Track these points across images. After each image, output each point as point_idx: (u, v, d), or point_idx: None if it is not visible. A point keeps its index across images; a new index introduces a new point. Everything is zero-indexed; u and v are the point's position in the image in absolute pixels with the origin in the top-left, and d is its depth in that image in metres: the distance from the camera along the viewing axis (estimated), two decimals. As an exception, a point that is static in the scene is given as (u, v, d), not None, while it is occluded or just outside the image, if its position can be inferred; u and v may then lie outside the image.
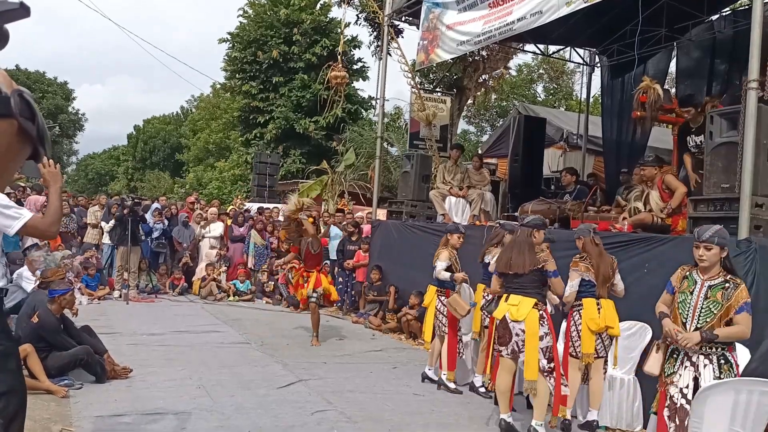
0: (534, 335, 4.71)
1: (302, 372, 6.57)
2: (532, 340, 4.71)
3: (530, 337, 4.72)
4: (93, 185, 56.34)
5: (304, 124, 23.68)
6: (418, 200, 10.07)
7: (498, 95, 28.04)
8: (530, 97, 30.30)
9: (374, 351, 7.99)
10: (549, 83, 31.38)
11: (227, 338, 8.20)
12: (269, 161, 17.67)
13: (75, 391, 5.42)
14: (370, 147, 17.25)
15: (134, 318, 9.15)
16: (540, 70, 30.75)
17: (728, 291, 3.75)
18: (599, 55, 11.92)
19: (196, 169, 38.13)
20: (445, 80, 18.88)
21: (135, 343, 7.46)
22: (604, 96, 11.96)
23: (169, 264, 12.26)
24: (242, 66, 25.56)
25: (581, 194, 8.09)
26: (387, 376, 6.69)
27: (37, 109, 0.97)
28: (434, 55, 9.77)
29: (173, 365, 6.55)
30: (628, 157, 10.39)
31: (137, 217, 10.84)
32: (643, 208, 6.37)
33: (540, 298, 4.83)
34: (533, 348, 4.71)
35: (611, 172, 10.96)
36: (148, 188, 41.17)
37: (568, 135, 13.65)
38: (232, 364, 6.80)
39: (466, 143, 29.19)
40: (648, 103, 7.48)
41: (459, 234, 6.51)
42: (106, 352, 5.95)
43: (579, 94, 19.06)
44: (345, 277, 10.80)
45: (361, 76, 25.63)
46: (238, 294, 11.71)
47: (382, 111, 11.90)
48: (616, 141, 11.13)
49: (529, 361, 4.72)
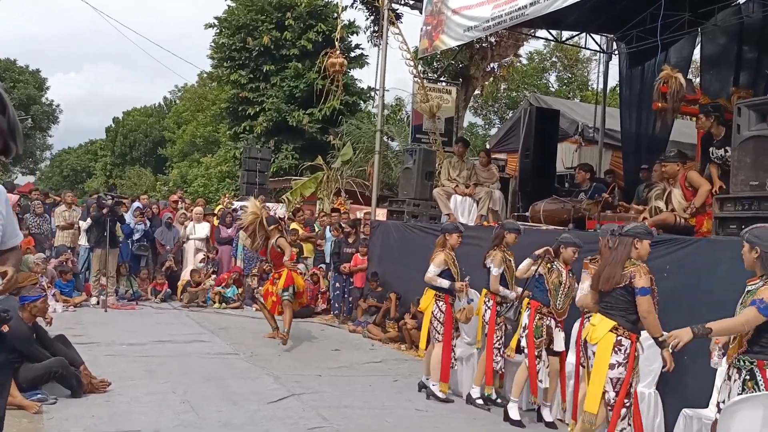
0: (604, 362, 4.39)
1: (295, 385, 6.57)
2: (600, 368, 4.41)
3: (598, 362, 4.43)
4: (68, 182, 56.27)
5: (297, 117, 23.67)
6: (420, 199, 10.06)
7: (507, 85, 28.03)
8: (542, 87, 30.30)
9: (373, 362, 7.99)
10: (563, 72, 31.39)
11: (214, 348, 8.19)
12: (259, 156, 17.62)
13: (49, 407, 5.41)
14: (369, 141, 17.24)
15: (113, 327, 9.13)
16: (553, 58, 30.74)
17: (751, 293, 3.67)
18: (617, 42, 11.92)
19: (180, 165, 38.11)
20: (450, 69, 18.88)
21: (114, 354, 7.45)
22: (622, 86, 11.96)
23: (150, 268, 12.24)
24: (230, 53, 25.53)
25: (597, 192, 8.09)
26: (387, 390, 6.69)
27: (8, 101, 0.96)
28: (439, 41, 9.78)
29: (155, 378, 6.54)
30: (648, 152, 10.39)
31: (116, 217, 10.83)
32: (665, 207, 6.37)
33: (623, 321, 4.40)
34: (599, 377, 4.40)
35: (630, 168, 10.95)
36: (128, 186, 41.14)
37: (583, 128, 13.63)
38: (219, 376, 6.79)
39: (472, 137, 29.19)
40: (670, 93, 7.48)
41: (459, 233, 6.53)
42: (83, 364, 5.95)
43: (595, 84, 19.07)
44: (341, 282, 10.80)
45: (359, 64, 25.59)
46: (225, 301, 11.71)
47: (382, 102, 11.90)
48: (636, 135, 11.12)
49: (592, 389, 4.45)
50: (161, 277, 11.94)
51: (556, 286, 5.76)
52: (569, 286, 5.79)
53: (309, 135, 23.82)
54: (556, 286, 5.76)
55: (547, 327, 5.75)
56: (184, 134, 39.93)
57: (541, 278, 5.79)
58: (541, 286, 5.80)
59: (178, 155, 41.09)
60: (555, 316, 5.78)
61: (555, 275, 5.76)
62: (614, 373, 4.37)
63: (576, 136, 13.61)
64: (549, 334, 5.76)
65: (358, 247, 10.70)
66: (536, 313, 5.75)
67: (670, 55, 10.29)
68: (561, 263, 5.79)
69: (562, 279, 5.76)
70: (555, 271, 5.78)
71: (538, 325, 5.73)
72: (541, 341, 5.72)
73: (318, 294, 11.42)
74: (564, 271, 5.79)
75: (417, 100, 12.76)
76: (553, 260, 5.80)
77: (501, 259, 6.24)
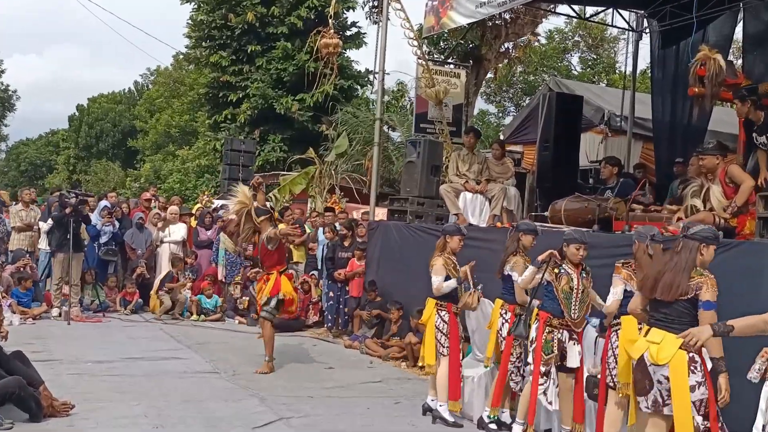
0: (683, 386, 4.24)
1: (283, 408, 6.56)
2: (681, 393, 4.24)
3: (678, 388, 4.25)
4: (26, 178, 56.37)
5: (285, 104, 23.68)
6: (425, 197, 10.06)
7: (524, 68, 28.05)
8: (563, 69, 30.33)
9: (372, 382, 7.98)
10: (586, 53, 31.40)
11: (191, 366, 8.18)
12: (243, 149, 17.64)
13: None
14: (367, 131, 17.24)
15: (77, 341, 9.12)
16: (576, 37, 30.76)
17: None
18: (648, 19, 11.92)
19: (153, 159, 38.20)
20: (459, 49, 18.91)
21: (78, 373, 7.44)
22: (654, 69, 11.95)
23: (119, 275, 12.25)
24: (210, 32, 25.55)
25: (626, 189, 8.08)
26: (388, 413, 6.70)
27: None
28: (447, 19, 9.79)
29: (125, 399, 6.53)
30: (683, 144, 10.39)
31: (81, 218, 10.83)
32: (703, 206, 6.37)
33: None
34: (684, 402, 4.24)
35: (663, 162, 10.96)
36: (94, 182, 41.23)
37: (609, 116, 13.64)
38: (198, 398, 6.79)
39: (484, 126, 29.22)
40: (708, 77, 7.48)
41: (461, 236, 6.56)
42: (43, 384, 5.93)
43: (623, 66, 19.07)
44: (336, 290, 10.80)
45: (356, 44, 25.62)
46: (204, 312, 11.72)
47: (382, 87, 11.90)
48: (669, 124, 11.13)
49: (680, 419, 4.25)
50: (132, 285, 11.93)
51: (567, 293, 5.67)
52: (583, 290, 5.70)
53: (299, 124, 23.82)
54: (567, 294, 5.67)
55: (558, 341, 5.68)
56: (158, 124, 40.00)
57: (549, 286, 5.74)
58: (550, 295, 5.75)
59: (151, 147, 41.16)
60: (571, 327, 5.72)
61: (564, 281, 5.67)
62: (696, 395, 4.26)
63: (602, 126, 13.60)
64: (561, 349, 5.69)
65: (354, 251, 10.71)
66: (545, 325, 5.69)
67: (709, 34, 10.29)
68: (570, 265, 5.72)
69: (573, 284, 5.68)
70: (564, 276, 5.68)
71: (548, 339, 5.65)
72: (550, 358, 5.64)
73: (309, 304, 11.42)
74: (574, 273, 5.70)
75: (421, 84, 12.75)
76: (560, 264, 5.73)
77: (523, 265, 6.22)
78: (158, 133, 39.65)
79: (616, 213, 7.53)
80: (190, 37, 27.24)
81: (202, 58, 27.19)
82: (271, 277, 8.23)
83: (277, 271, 8.25)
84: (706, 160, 6.58)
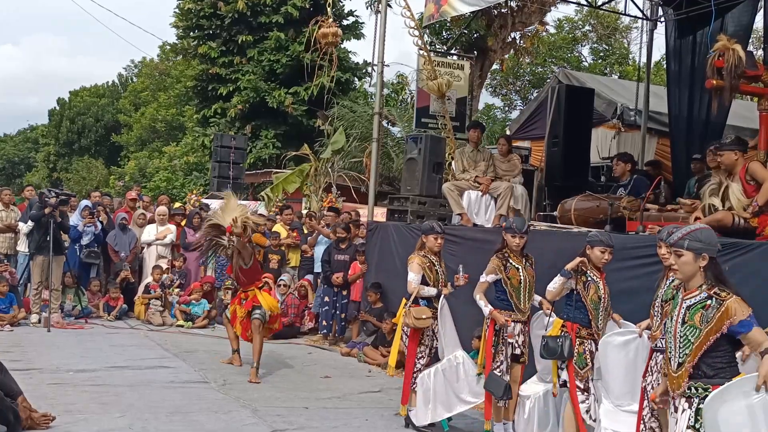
0: None
1: (277, 420, 6.57)
2: None
3: None
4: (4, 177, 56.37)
5: (279, 97, 23.71)
6: (427, 196, 10.07)
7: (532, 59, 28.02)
8: (573, 61, 30.36)
9: (371, 392, 8.00)
10: (598, 43, 31.42)
11: (179, 376, 8.19)
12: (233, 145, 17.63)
13: (-20, 446, 5.43)
14: (365, 127, 17.26)
15: (58, 350, 9.13)
16: (586, 27, 30.79)
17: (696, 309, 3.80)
18: (663, 7, 11.93)
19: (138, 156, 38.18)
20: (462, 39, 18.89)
21: (59, 383, 7.44)
22: (669, 60, 11.95)
23: (102, 279, 12.24)
24: (198, 21, 25.57)
25: (640, 187, 8.10)
26: (388, 425, 6.70)
27: None
28: (448, 6, 9.80)
29: (109, 411, 6.54)
30: (700, 140, 10.39)
31: (61, 218, 10.82)
32: (721, 205, 6.38)
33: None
34: None
35: (679, 158, 10.96)
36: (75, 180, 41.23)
37: (622, 110, 13.64)
38: (186, 409, 6.79)
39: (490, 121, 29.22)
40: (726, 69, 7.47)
41: (435, 234, 6.64)
42: (21, 395, 5.93)
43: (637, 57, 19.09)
44: (332, 296, 10.78)
45: (354, 34, 25.64)
46: (192, 318, 11.71)
47: (381, 80, 11.90)
48: (686, 118, 11.12)
49: None
50: (115, 290, 11.93)
51: (596, 302, 5.68)
52: (606, 299, 5.73)
53: (293, 119, 23.86)
54: (596, 303, 5.68)
55: (590, 353, 5.66)
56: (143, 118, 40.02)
57: (577, 295, 5.71)
58: (576, 304, 5.72)
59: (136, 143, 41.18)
60: (596, 338, 5.69)
61: (593, 290, 5.67)
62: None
63: (614, 120, 13.61)
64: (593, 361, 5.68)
65: (352, 253, 10.69)
66: (576, 337, 5.67)
67: (727, 23, 10.29)
68: (594, 271, 5.72)
69: (600, 293, 5.68)
70: (592, 284, 5.68)
71: (580, 352, 5.64)
72: (587, 371, 5.64)
73: (305, 310, 11.41)
74: (601, 281, 5.71)
75: (423, 77, 12.73)
76: (585, 271, 5.72)
77: (493, 268, 6.24)
78: (143, 129, 39.68)
79: (629, 212, 7.53)
80: (178, 26, 27.21)
81: (190, 48, 27.19)
82: (248, 294, 8.34)
83: (256, 287, 8.37)
84: (724, 156, 6.59)
